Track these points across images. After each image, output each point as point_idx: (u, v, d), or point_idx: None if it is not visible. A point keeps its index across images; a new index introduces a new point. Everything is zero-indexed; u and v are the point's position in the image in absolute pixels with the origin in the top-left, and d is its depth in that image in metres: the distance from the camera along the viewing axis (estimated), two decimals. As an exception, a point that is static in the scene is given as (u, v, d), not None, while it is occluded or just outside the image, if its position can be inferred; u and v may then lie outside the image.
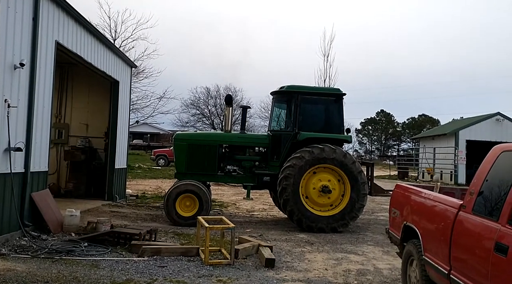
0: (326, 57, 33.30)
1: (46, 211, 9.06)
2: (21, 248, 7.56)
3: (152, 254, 7.59)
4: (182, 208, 11.13)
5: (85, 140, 15.09)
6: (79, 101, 15.36)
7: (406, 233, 5.85)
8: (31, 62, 8.62)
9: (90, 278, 6.23)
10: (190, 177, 11.63)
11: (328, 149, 11.11)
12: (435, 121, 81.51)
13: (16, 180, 8.28)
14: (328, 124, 12.15)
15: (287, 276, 6.98)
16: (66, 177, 14.99)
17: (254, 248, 8.23)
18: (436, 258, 4.85)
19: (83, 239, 8.25)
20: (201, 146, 11.97)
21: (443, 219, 4.84)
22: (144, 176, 25.70)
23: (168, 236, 9.56)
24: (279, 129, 12.52)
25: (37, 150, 9.09)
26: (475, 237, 4.21)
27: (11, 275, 6.13)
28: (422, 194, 5.66)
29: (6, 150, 7.91)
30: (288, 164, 11.09)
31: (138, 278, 6.40)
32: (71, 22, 10.45)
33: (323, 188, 11.13)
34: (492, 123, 32.52)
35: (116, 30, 29.66)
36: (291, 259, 8.10)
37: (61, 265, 6.80)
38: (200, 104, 50.54)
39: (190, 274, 6.75)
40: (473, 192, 4.45)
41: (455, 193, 6.60)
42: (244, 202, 16.03)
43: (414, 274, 5.56)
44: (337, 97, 12.04)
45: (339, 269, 7.57)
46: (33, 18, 8.65)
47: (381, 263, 8.13)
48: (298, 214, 10.95)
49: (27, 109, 8.63)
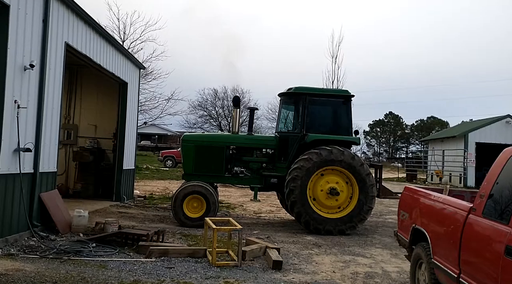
0: (335, 58, 33.31)
1: (55, 211, 9.11)
2: (30, 248, 7.60)
3: (159, 255, 7.60)
4: (190, 209, 11.14)
5: (94, 141, 15.18)
6: (88, 102, 15.46)
7: (415, 236, 5.81)
8: (40, 63, 8.68)
9: (98, 279, 6.24)
10: (197, 178, 11.65)
11: (336, 151, 11.06)
12: (444, 123, 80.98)
13: (25, 181, 8.34)
14: (336, 126, 12.11)
15: (294, 278, 6.95)
16: (75, 177, 15.09)
17: (261, 250, 8.21)
18: (445, 261, 4.80)
19: (91, 240, 8.28)
20: (209, 148, 11.98)
21: (452, 222, 4.80)
22: (152, 177, 25.79)
23: (175, 237, 9.57)
24: (286, 130, 12.50)
25: (46, 150, 9.15)
26: (485, 240, 4.16)
27: (19, 275, 6.16)
28: (432, 197, 5.62)
29: (16, 150, 7.97)
30: (296, 166, 11.06)
31: (145, 279, 6.41)
32: (81, 23, 10.52)
33: (331, 190, 11.08)
34: (502, 125, 32.22)
35: (125, 31, 29.90)
36: (299, 261, 8.07)
37: (69, 266, 6.83)
38: (207, 106, 50.62)
39: (198, 275, 6.75)
40: (483, 195, 4.40)
41: (464, 196, 6.55)
42: (251, 204, 16.02)
43: (423, 277, 5.51)
44: (345, 98, 12.00)
45: (347, 272, 7.53)
46: (43, 19, 8.72)
47: (389, 266, 8.08)
48: (306, 216, 10.91)
49: (37, 110, 8.69)
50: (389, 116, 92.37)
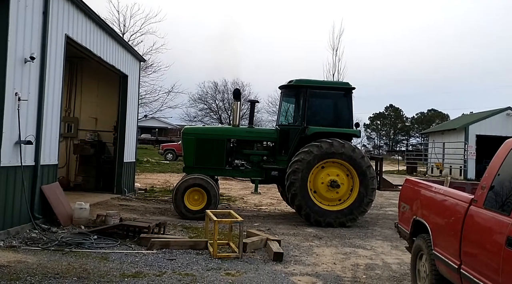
0: (335, 51, 33.22)
1: (56, 204, 9.14)
2: (32, 241, 7.63)
3: (161, 247, 7.63)
4: (191, 201, 11.16)
5: (94, 134, 15.18)
6: (89, 95, 15.44)
7: (416, 228, 5.82)
8: (41, 55, 8.66)
9: (100, 271, 6.27)
10: (198, 171, 11.66)
11: (336, 144, 11.06)
12: (444, 116, 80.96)
13: (27, 173, 8.35)
14: (337, 119, 12.10)
15: (295, 270, 6.98)
16: (76, 170, 15.10)
17: (262, 242, 8.24)
18: (446, 253, 4.81)
19: (92, 232, 8.31)
20: (209, 141, 11.98)
21: (453, 213, 4.81)
22: (153, 170, 25.82)
23: (176, 229, 9.60)
24: (287, 123, 12.50)
25: (47, 143, 9.15)
26: (486, 231, 4.17)
27: (22, 267, 6.19)
28: (433, 189, 5.62)
29: (17, 143, 7.98)
30: (297, 159, 11.07)
31: (147, 270, 6.44)
32: (81, 15, 10.48)
33: (331, 183, 11.10)
34: (503, 117, 32.19)
35: (125, 24, 29.85)
36: (299, 253, 8.10)
37: (71, 258, 6.86)
38: (208, 99, 50.58)
39: (199, 267, 6.78)
40: (485, 187, 4.40)
41: (465, 187, 6.55)
42: (252, 197, 16.04)
43: (424, 268, 5.53)
44: (346, 91, 11.98)
45: (348, 264, 7.56)
46: (43, 12, 8.67)
47: (389, 258, 8.11)
48: (306, 208, 10.94)
49: (37, 102, 8.68)
50: (390, 109, 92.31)
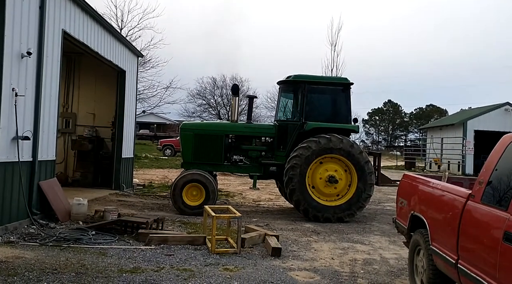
0: (334, 46, 33.04)
1: (54, 199, 9.13)
2: (30, 236, 7.62)
3: (159, 243, 7.63)
4: (189, 197, 11.17)
5: (92, 130, 15.14)
6: (86, 91, 15.38)
7: (414, 223, 5.83)
8: (38, 51, 8.62)
9: (98, 266, 6.27)
10: (196, 166, 11.67)
11: (335, 139, 11.06)
12: (443, 111, 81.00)
13: (24, 169, 8.33)
14: (335, 114, 12.09)
15: (293, 265, 6.99)
16: (74, 166, 15.07)
17: (260, 237, 8.24)
18: (444, 248, 4.82)
19: (90, 228, 8.30)
20: (208, 136, 11.97)
21: (451, 208, 4.81)
22: (151, 166, 25.80)
23: (175, 225, 9.60)
24: (285, 119, 12.49)
25: (44, 139, 9.13)
26: (484, 226, 4.18)
27: (19, 262, 6.19)
28: (430, 184, 5.63)
29: (14, 139, 7.95)
30: (295, 154, 11.06)
31: (145, 266, 6.44)
32: (78, 11, 10.42)
33: (329, 178, 11.11)
34: (501, 113, 32.20)
35: (123, 19, 29.69)
36: (298, 248, 8.12)
37: (69, 253, 6.85)
38: (206, 94, 50.49)
39: (197, 262, 6.78)
40: (482, 182, 4.41)
41: (463, 183, 6.56)
42: (251, 192, 16.04)
43: (421, 263, 5.54)
44: (344, 86, 11.97)
45: (346, 259, 7.58)
46: (40, 6, 8.63)
47: (387, 253, 8.12)
48: (305, 204, 10.95)
49: (35, 98, 8.64)
50: (388, 104, 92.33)
